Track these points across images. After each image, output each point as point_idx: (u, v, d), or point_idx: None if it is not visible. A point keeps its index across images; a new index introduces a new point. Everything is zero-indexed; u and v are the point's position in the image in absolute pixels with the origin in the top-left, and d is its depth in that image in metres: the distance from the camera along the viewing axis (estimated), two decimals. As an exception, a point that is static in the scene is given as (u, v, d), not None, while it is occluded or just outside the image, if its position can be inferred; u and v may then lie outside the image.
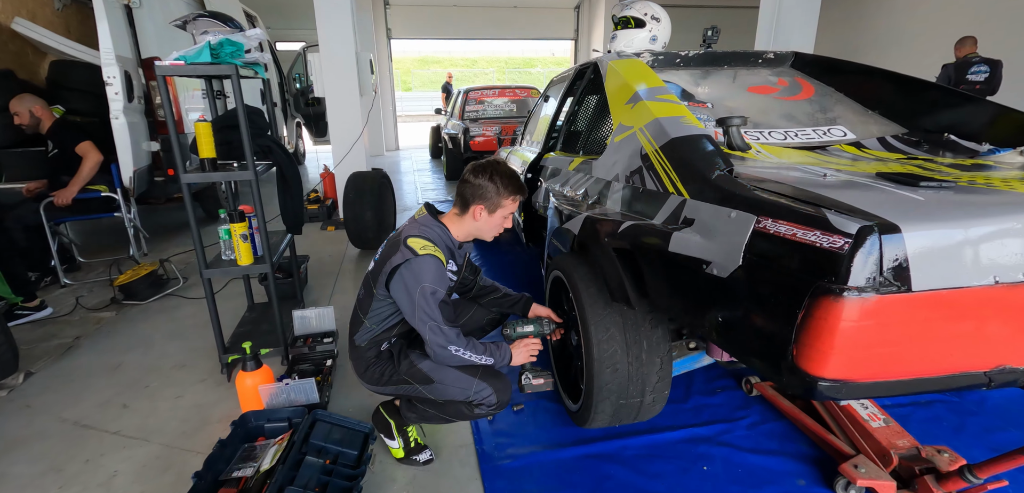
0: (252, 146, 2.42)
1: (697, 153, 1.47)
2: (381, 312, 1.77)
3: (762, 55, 2.68)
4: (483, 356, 1.71)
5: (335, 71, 5.19)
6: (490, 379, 1.73)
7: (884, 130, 2.21)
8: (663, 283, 1.47)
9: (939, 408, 2.20)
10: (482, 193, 1.70)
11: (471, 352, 1.68)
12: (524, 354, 1.84)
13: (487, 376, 1.73)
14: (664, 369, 1.74)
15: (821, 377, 1.01)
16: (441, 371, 1.74)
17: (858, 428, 1.83)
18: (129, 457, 1.99)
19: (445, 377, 1.73)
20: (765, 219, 1.13)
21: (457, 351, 1.65)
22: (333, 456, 1.85)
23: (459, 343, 1.65)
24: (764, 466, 1.89)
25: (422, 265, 1.62)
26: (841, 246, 0.95)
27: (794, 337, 1.03)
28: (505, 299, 2.06)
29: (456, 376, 1.73)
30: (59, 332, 3.03)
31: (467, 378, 1.72)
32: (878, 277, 0.94)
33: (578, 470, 1.88)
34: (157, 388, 2.45)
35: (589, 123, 2.53)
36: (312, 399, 2.07)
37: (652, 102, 1.79)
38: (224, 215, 2.47)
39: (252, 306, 3.11)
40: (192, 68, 2.14)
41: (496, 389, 1.73)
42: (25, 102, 3.67)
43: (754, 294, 1.14)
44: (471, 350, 1.68)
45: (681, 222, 1.40)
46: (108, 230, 5.11)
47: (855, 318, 0.96)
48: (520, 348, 1.84)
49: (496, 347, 1.76)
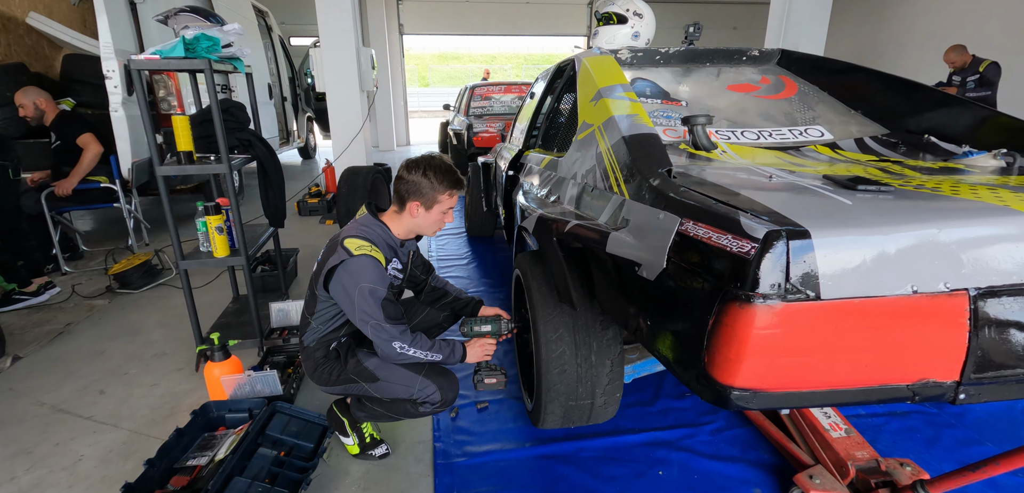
0: (231, 140, 2.46)
1: (641, 152, 1.44)
2: (325, 313, 1.76)
3: (746, 52, 2.62)
4: (431, 353, 1.69)
5: (335, 66, 5.24)
6: (435, 377, 1.72)
7: (864, 131, 2.14)
8: (604, 284, 1.44)
9: (915, 419, 2.13)
10: (416, 189, 1.67)
11: (417, 349, 1.66)
12: (479, 353, 1.83)
13: (432, 374, 1.73)
14: (615, 371, 1.71)
15: (732, 386, 0.98)
16: (386, 369, 1.73)
17: (818, 437, 1.78)
18: (97, 442, 2.04)
19: (390, 375, 1.73)
20: (688, 221, 1.09)
21: (401, 348, 1.63)
22: (288, 448, 1.87)
23: (404, 340, 1.63)
24: (721, 473, 1.85)
25: (357, 265, 1.61)
26: (748, 251, 0.92)
27: (705, 343, 1.00)
28: (455, 302, 2.05)
29: (401, 374, 1.72)
30: (52, 318, 3.13)
31: (412, 376, 1.71)
32: (784, 284, 0.91)
33: (531, 470, 1.87)
34: (135, 375, 2.50)
35: (563, 121, 2.50)
36: (275, 391, 2.09)
37: (611, 99, 1.76)
38: (201, 208, 2.51)
39: (236, 297, 3.16)
40: (166, 62, 2.18)
41: (441, 387, 1.72)
42: (29, 94, 3.78)
43: (675, 298, 1.11)
44: (418, 346, 1.66)
45: (619, 222, 1.37)
46: (115, 220, 5.25)
47: (764, 326, 0.92)
48: (475, 346, 1.83)
49: (447, 344, 1.75)
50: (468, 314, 2.01)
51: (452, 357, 1.76)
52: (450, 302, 2.05)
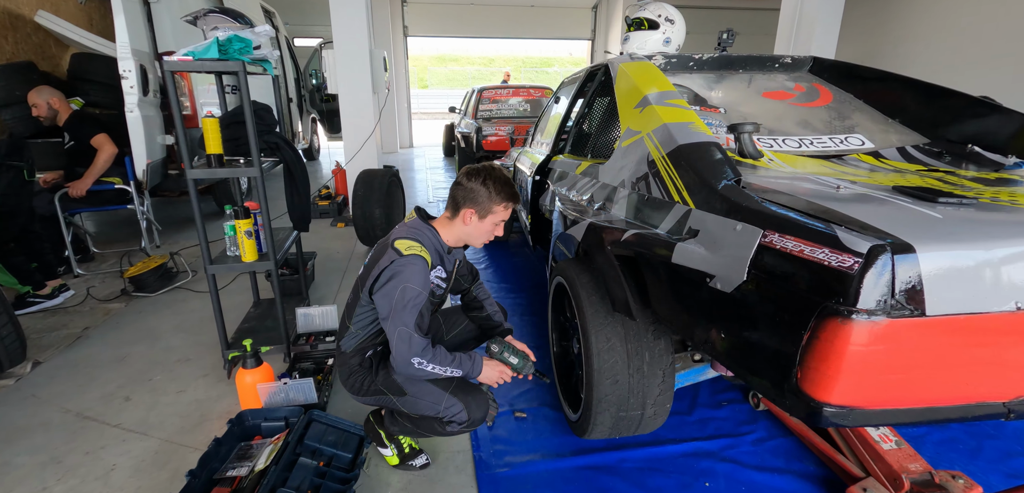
0: (259, 143, 2.42)
1: (704, 161, 1.42)
2: (365, 317, 1.73)
3: (779, 59, 2.61)
4: (451, 368, 1.63)
5: (348, 68, 5.19)
6: (462, 395, 1.67)
7: (904, 139, 2.13)
8: (666, 295, 1.42)
9: (955, 430, 2.11)
10: (474, 197, 1.65)
11: (437, 364, 1.60)
12: (494, 375, 1.74)
13: (459, 392, 1.67)
14: (666, 382, 1.69)
15: (826, 402, 0.96)
16: (413, 384, 1.68)
17: (868, 450, 1.76)
18: (128, 451, 1.99)
19: (417, 390, 1.68)
20: (772, 233, 1.07)
21: (420, 364, 1.57)
22: (327, 458, 1.83)
23: (424, 356, 1.57)
24: (769, 485, 1.83)
25: (406, 265, 1.58)
26: (851, 266, 0.90)
27: (799, 359, 0.98)
28: (488, 321, 1.99)
29: (428, 390, 1.67)
30: (69, 322, 3.07)
31: (438, 392, 1.66)
32: (889, 300, 0.89)
33: (576, 481, 1.84)
34: (160, 382, 2.46)
35: (598, 126, 2.48)
36: (310, 399, 2.06)
37: (660, 107, 1.74)
38: (230, 211, 2.47)
39: (257, 302, 3.12)
40: (200, 64, 2.14)
41: (468, 406, 1.66)
42: (43, 94, 3.73)
43: (758, 311, 1.09)
44: (437, 362, 1.60)
45: (686, 233, 1.35)
46: (123, 222, 5.19)
47: (864, 342, 0.90)
48: (493, 368, 1.74)
49: (469, 358, 1.68)
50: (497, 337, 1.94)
51: (471, 370, 1.69)
52: (482, 318, 2.00)
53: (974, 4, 5.75)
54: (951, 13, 6.12)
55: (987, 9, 5.61)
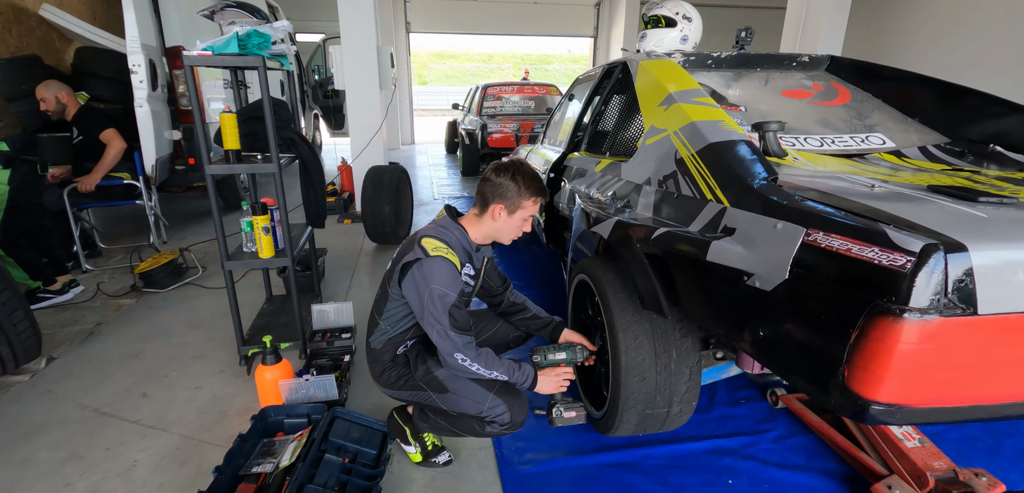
0: (276, 139, 2.41)
1: (737, 159, 1.42)
2: (396, 313, 1.73)
3: (796, 58, 2.61)
4: (497, 371, 1.63)
5: (355, 64, 5.18)
6: (507, 396, 1.66)
7: (925, 139, 2.13)
8: (698, 293, 1.42)
9: (973, 428, 2.12)
10: (503, 192, 1.64)
11: (482, 365, 1.60)
12: (553, 384, 1.74)
13: (504, 393, 1.66)
14: (693, 379, 1.69)
15: (874, 400, 0.96)
16: (457, 381, 1.68)
17: (892, 447, 1.77)
18: (148, 447, 1.99)
19: (460, 388, 1.67)
20: (816, 232, 1.07)
21: (464, 361, 1.58)
22: (352, 455, 1.83)
23: (467, 352, 1.58)
24: (792, 482, 1.84)
25: (432, 266, 1.58)
26: (903, 264, 0.90)
27: (846, 358, 0.98)
28: (534, 321, 1.96)
29: (471, 388, 1.66)
30: (81, 318, 3.06)
31: (482, 392, 1.66)
32: (942, 298, 0.89)
33: (600, 478, 1.84)
34: (176, 378, 2.45)
35: (617, 124, 2.48)
36: (331, 395, 2.05)
37: (688, 104, 1.74)
38: (247, 207, 2.46)
39: (270, 298, 3.11)
40: (219, 59, 2.13)
41: (511, 407, 1.65)
42: (51, 88, 3.70)
43: (802, 310, 1.09)
44: (482, 363, 1.60)
45: (721, 230, 1.35)
46: (129, 217, 5.17)
47: (914, 341, 0.90)
48: (549, 376, 1.73)
49: (517, 365, 1.68)
50: (547, 336, 1.93)
51: (523, 380, 1.68)
52: (528, 319, 1.97)
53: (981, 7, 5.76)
54: (957, 15, 6.13)
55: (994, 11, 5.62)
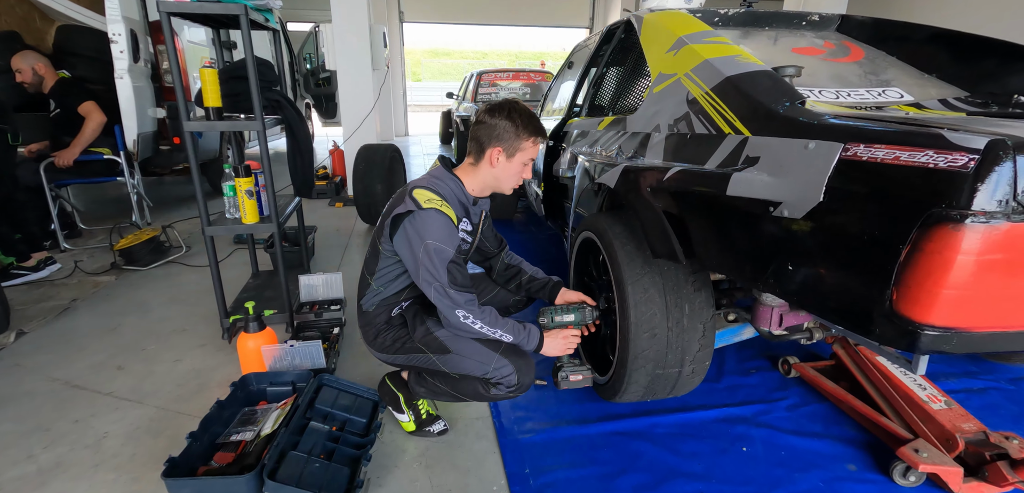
0: (260, 98, 2.27)
1: (759, 88, 1.31)
2: (388, 272, 1.60)
3: (806, 17, 2.50)
4: (501, 331, 1.50)
5: (347, 43, 5.04)
6: (513, 357, 1.52)
7: (944, 93, 2.03)
8: (716, 235, 1.31)
9: (995, 395, 2.03)
10: (499, 134, 1.51)
11: (485, 323, 1.48)
12: (560, 346, 1.62)
13: (510, 353, 1.53)
14: (707, 337, 1.58)
15: (926, 324, 0.85)
16: (459, 341, 1.54)
17: (917, 410, 1.67)
18: (121, 419, 1.85)
19: (463, 348, 1.54)
20: (854, 145, 0.96)
21: (466, 318, 1.45)
22: (340, 423, 1.71)
23: (470, 310, 1.46)
24: (809, 449, 1.73)
25: (425, 220, 1.45)
26: (965, 164, 0.79)
27: (895, 278, 0.86)
28: (532, 283, 1.83)
29: (476, 348, 1.53)
30: (56, 294, 2.91)
31: (488, 352, 1.52)
32: (1011, 201, 0.78)
33: (605, 446, 1.73)
34: (154, 351, 2.31)
35: (620, 83, 2.36)
36: (318, 363, 1.93)
37: (700, 45, 1.63)
38: (229, 170, 2.32)
39: (256, 273, 2.98)
40: (200, 6, 1.99)
41: (518, 368, 1.52)
42: (28, 59, 3.55)
43: (839, 234, 0.97)
44: (485, 321, 1.48)
45: (742, 162, 1.24)
46: (112, 199, 5.01)
47: (976, 250, 0.79)
48: (556, 338, 1.62)
49: (522, 326, 1.56)
50: (546, 297, 1.80)
51: (528, 342, 1.56)
52: (526, 282, 1.84)
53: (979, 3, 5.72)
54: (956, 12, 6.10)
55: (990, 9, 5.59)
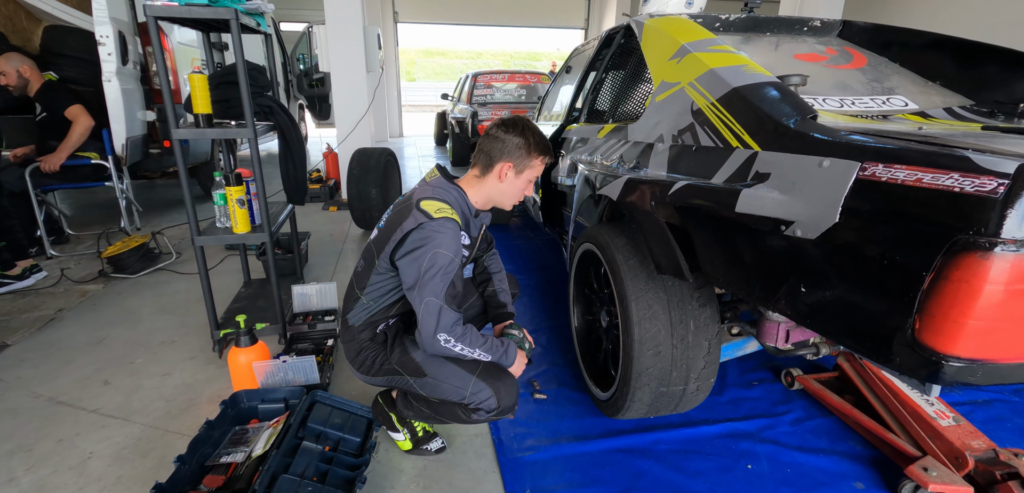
0: (252, 104, 2.22)
1: (767, 100, 1.26)
2: (381, 287, 1.55)
3: (807, 22, 2.47)
4: (481, 351, 1.46)
5: (341, 44, 4.97)
6: (491, 379, 1.48)
7: (949, 101, 2.00)
8: (724, 252, 1.26)
9: (1001, 408, 2.01)
10: (511, 149, 1.48)
11: (465, 345, 1.42)
12: (520, 366, 1.60)
13: (488, 375, 1.48)
14: (712, 354, 1.54)
15: (951, 355, 0.81)
16: (434, 364, 1.49)
17: (925, 427, 1.63)
18: (107, 438, 1.79)
19: (439, 372, 1.48)
20: (873, 165, 0.92)
21: (446, 341, 1.40)
22: (333, 442, 1.65)
23: (453, 333, 1.40)
24: (815, 466, 1.69)
25: (438, 230, 1.40)
26: (994, 189, 0.75)
27: (917, 306, 0.82)
28: (492, 298, 1.83)
29: (452, 371, 1.48)
30: (41, 304, 2.83)
31: (464, 375, 1.47)
32: (1042, 228, 0.74)
33: (607, 465, 1.68)
34: (142, 365, 2.25)
35: (620, 89, 2.32)
36: (312, 379, 1.87)
37: (704, 54, 1.58)
38: (219, 178, 2.26)
39: (248, 282, 2.91)
40: (188, 10, 1.93)
41: (497, 392, 1.47)
42: (12, 61, 3.46)
43: (856, 258, 0.93)
44: (466, 342, 1.42)
45: (751, 178, 1.20)
46: (100, 204, 4.92)
47: (1005, 280, 0.76)
48: (521, 360, 1.60)
49: (500, 343, 1.52)
50: (492, 320, 1.81)
51: (505, 359, 1.52)
52: (488, 294, 1.83)
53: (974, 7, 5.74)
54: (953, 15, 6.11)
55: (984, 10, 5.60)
